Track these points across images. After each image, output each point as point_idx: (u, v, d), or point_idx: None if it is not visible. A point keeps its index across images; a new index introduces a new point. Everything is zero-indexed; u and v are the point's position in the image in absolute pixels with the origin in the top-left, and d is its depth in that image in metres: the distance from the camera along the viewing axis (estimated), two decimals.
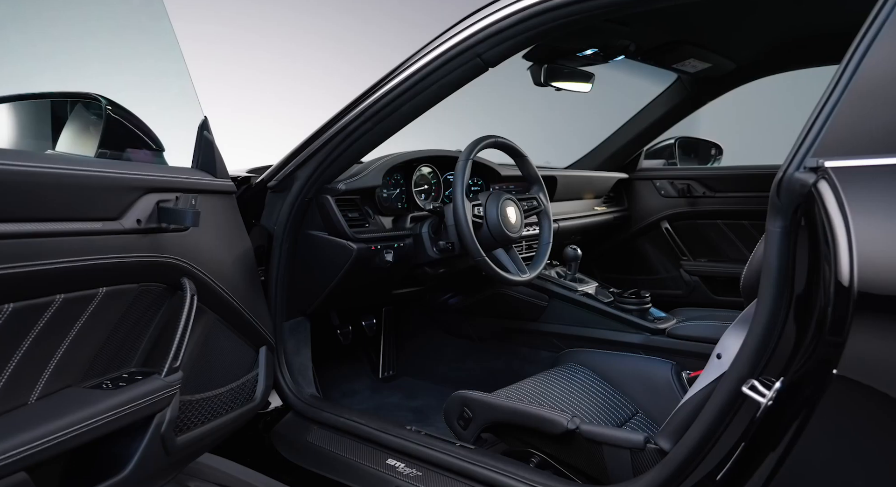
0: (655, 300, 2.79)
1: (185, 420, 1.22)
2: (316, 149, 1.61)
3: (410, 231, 1.84)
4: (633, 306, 1.97)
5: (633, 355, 1.89)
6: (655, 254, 2.82)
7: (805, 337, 0.93)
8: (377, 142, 1.60)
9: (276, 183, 1.68)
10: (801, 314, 0.95)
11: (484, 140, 1.77)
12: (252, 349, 1.52)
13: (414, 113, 1.54)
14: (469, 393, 1.57)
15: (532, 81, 2.08)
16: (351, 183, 1.69)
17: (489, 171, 2.16)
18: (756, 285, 1.04)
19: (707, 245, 2.69)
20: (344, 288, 1.81)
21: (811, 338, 0.90)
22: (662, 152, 2.91)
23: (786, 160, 0.94)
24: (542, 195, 1.96)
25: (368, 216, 1.79)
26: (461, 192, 1.67)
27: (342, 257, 1.68)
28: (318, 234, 1.71)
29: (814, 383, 0.89)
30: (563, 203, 2.49)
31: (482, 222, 1.76)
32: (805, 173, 0.90)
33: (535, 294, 2.13)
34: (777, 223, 0.96)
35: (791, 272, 0.97)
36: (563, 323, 2.10)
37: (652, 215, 2.78)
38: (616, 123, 2.74)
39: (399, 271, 1.88)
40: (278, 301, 1.74)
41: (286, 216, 1.68)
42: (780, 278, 0.98)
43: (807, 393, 0.90)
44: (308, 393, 1.76)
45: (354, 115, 1.55)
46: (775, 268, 0.98)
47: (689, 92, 2.45)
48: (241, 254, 1.46)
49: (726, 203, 2.60)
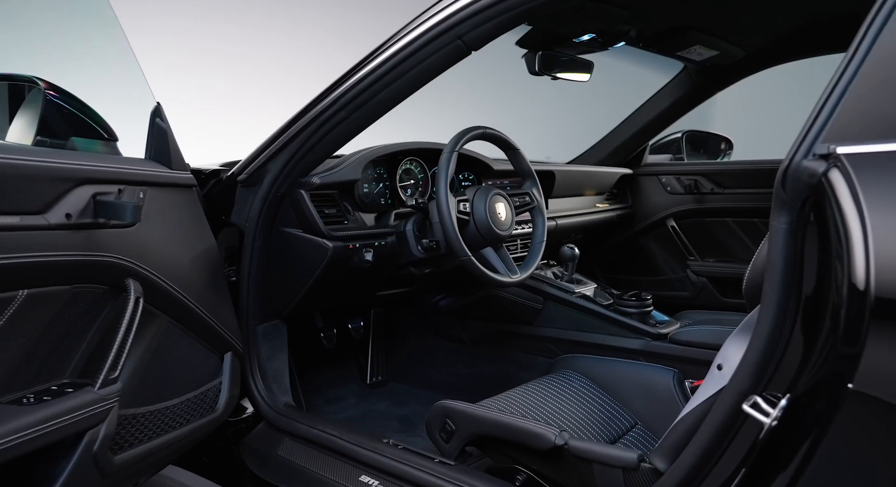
0: (660, 302, 2.66)
1: (127, 437, 1.11)
2: (287, 139, 1.50)
3: (394, 229, 1.73)
4: (633, 309, 1.84)
5: (632, 362, 1.76)
6: (661, 254, 2.69)
7: (814, 347, 0.81)
8: (354, 132, 1.49)
9: (247, 176, 1.57)
10: (810, 321, 0.84)
11: (471, 131, 1.65)
12: (216, 355, 1.41)
13: (392, 101, 1.42)
14: (451, 403, 1.45)
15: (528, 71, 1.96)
16: (327, 176, 1.58)
17: (481, 166, 2.04)
18: (759, 289, 0.92)
19: (715, 244, 2.55)
20: (321, 289, 1.69)
21: (822, 349, 0.79)
22: (668, 147, 2.77)
23: (792, 147, 0.82)
24: (535, 190, 1.83)
25: (347, 212, 1.67)
26: (445, 187, 1.56)
27: (317, 256, 1.57)
28: (291, 232, 1.60)
29: (825, 399, 0.77)
30: (563, 200, 2.37)
31: (469, 219, 1.65)
32: (814, 161, 0.78)
33: (530, 296, 2.01)
34: (782, 219, 0.84)
35: (798, 274, 0.85)
36: (558, 327, 1.98)
37: (657, 213, 2.65)
38: (619, 117, 2.61)
39: (381, 271, 1.77)
40: (250, 302, 1.64)
41: (257, 212, 1.57)
42: (786, 281, 0.85)
43: (817, 411, 0.78)
44: (282, 402, 1.65)
45: (328, 104, 1.43)
46: (780, 270, 0.85)
47: (696, 82, 2.31)
48: (201, 253, 1.35)
49: (736, 200, 2.46)
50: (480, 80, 3.81)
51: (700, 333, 1.71)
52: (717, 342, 1.69)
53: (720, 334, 1.67)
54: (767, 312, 0.89)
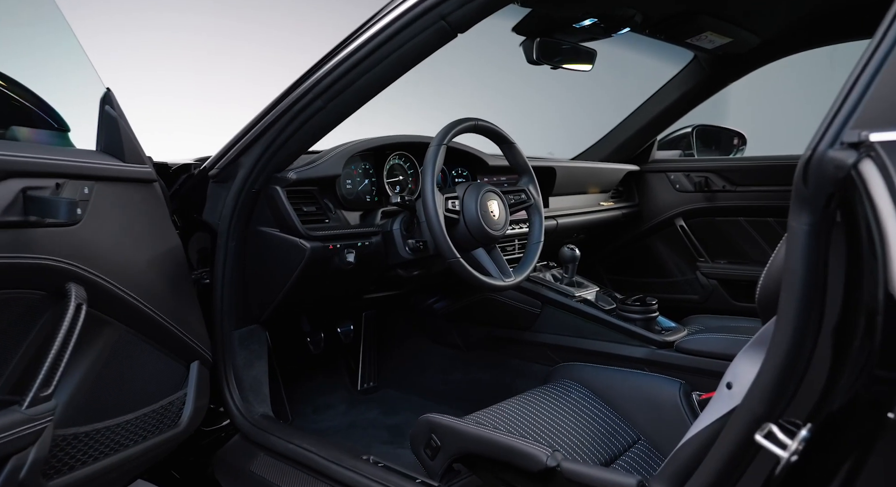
0: (668, 306, 2.53)
1: (66, 460, 1.00)
2: (260, 131, 1.39)
3: (379, 228, 1.61)
4: (637, 315, 1.72)
5: (635, 372, 1.64)
6: (669, 255, 2.55)
7: (842, 368, 0.70)
8: (333, 123, 1.38)
9: (218, 171, 1.47)
10: (837, 338, 0.72)
11: (461, 123, 1.53)
12: (181, 364, 1.30)
13: (372, 88, 1.30)
14: (437, 417, 1.34)
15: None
16: (304, 171, 1.46)
17: (475, 161, 1.92)
18: (775, 298, 0.79)
19: (727, 245, 2.42)
20: (301, 292, 1.58)
21: (852, 371, 0.68)
22: (678, 142, 2.64)
23: (815, 136, 0.69)
24: (531, 187, 1.71)
25: (328, 210, 1.56)
26: (431, 183, 1.44)
27: (294, 257, 1.46)
28: (268, 231, 1.49)
29: (858, 431, 0.66)
30: (564, 198, 2.24)
31: (458, 218, 1.53)
32: (842, 151, 0.66)
33: (528, 300, 1.89)
34: (803, 218, 0.72)
35: (822, 282, 0.73)
36: (557, 333, 1.86)
37: (665, 211, 2.52)
38: (625, 110, 2.48)
39: (365, 274, 1.66)
40: (225, 306, 1.53)
41: (230, 210, 1.46)
42: (807, 290, 0.73)
43: (847, 445, 0.67)
44: (259, 414, 1.54)
45: (302, 92, 1.32)
46: (801, 277, 0.73)
47: (708, 72, 2.18)
48: (163, 254, 1.24)
49: (749, 198, 2.33)
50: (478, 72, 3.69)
51: (709, 341, 1.58)
52: (728, 352, 1.57)
53: (731, 343, 1.55)
54: (785, 326, 0.76)
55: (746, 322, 1.93)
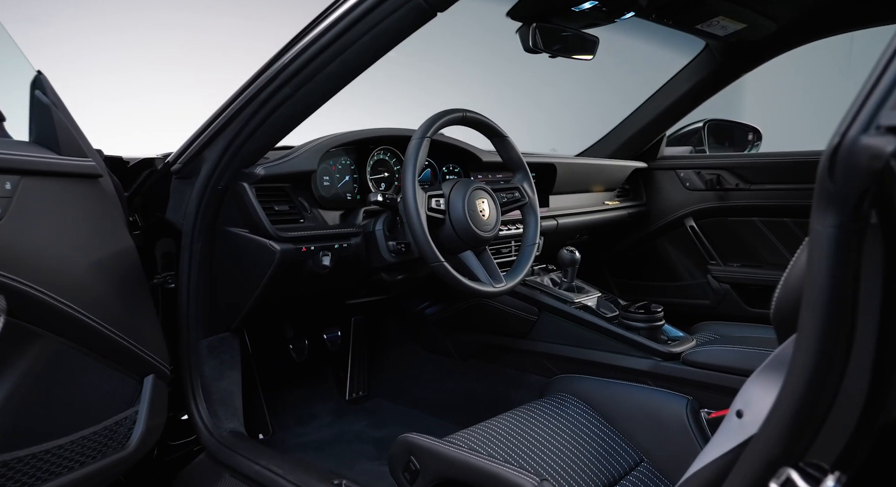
0: (677, 311, 2.39)
1: None
2: (224, 122, 1.27)
3: (360, 229, 1.49)
4: (640, 323, 1.58)
5: (638, 385, 1.50)
6: (678, 257, 2.41)
7: (880, 400, 0.58)
8: (303, 112, 1.25)
9: (181, 166, 1.35)
10: (873, 363, 0.59)
11: (447, 114, 1.41)
12: (133, 379, 1.18)
13: (345, 73, 1.18)
14: (416, 438, 1.21)
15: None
16: (274, 167, 1.34)
17: (468, 157, 1.79)
18: (794, 314, 0.66)
19: (740, 247, 2.27)
20: (274, 298, 1.47)
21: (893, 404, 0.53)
22: (688, 137, 2.49)
23: (844, 118, 0.56)
24: (526, 184, 1.58)
25: (303, 209, 1.44)
26: (412, 180, 1.31)
27: (264, 261, 1.34)
28: (236, 232, 1.37)
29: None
30: (566, 196, 2.11)
31: (444, 217, 1.40)
32: (879, 136, 0.53)
33: (524, 306, 1.76)
34: (829, 219, 0.58)
35: (852, 296, 0.59)
36: (555, 342, 1.72)
37: (674, 211, 2.37)
38: (633, 104, 2.34)
39: (345, 278, 1.53)
40: (191, 313, 1.42)
41: (195, 208, 1.35)
42: (834, 305, 0.60)
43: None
44: (228, 430, 1.42)
45: (268, 79, 1.20)
46: (825, 290, 0.60)
47: (720, 62, 2.03)
48: (110, 257, 1.12)
49: (765, 197, 2.18)
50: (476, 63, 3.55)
51: (719, 354, 1.44)
52: (740, 365, 1.43)
53: (744, 356, 1.41)
54: (806, 348, 0.63)
55: (761, 330, 1.79)
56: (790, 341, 0.72)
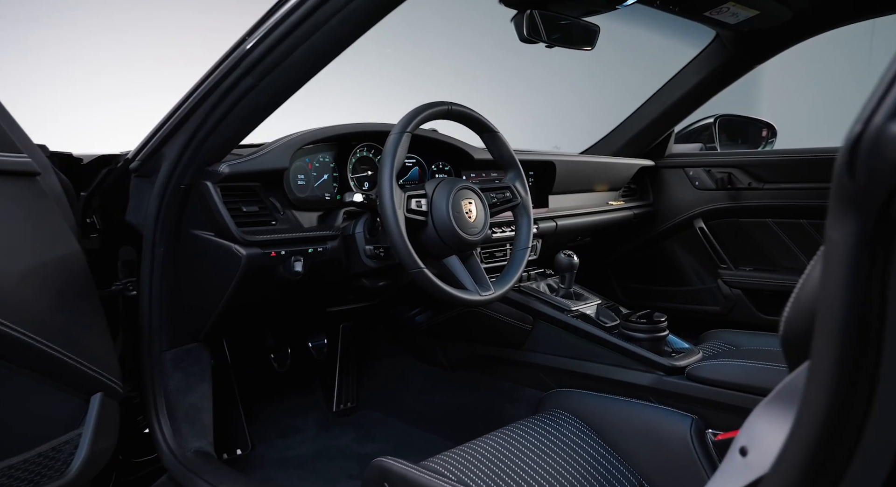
0: (686, 317, 2.27)
1: None
2: (184, 116, 1.17)
3: (338, 231, 1.38)
4: (642, 334, 1.45)
5: (639, 402, 1.38)
6: (687, 260, 2.28)
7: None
8: (269, 104, 1.15)
9: (139, 164, 1.25)
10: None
11: (430, 108, 1.30)
12: (78, 399, 1.08)
13: (314, 60, 1.07)
14: (392, 464, 1.11)
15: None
16: (240, 164, 1.23)
17: (459, 154, 1.67)
18: (807, 337, 0.54)
19: (753, 250, 2.13)
20: (244, 306, 1.36)
21: None
22: (698, 134, 2.36)
23: (865, 106, 0.43)
24: (518, 184, 1.46)
25: (275, 210, 1.33)
26: (389, 178, 1.21)
27: (229, 267, 1.23)
28: (201, 235, 1.26)
29: None
30: (567, 196, 1.99)
31: (426, 220, 1.29)
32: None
33: (518, 314, 1.64)
34: (848, 225, 0.46)
35: (877, 318, 0.47)
36: (551, 353, 1.60)
37: (683, 212, 2.24)
38: (639, 98, 2.21)
39: (321, 285, 1.43)
40: (154, 323, 1.32)
41: (155, 209, 1.24)
42: (854, 329, 0.48)
43: None
44: (193, 449, 1.32)
45: (229, 67, 1.09)
46: (844, 310, 0.47)
47: (731, 53, 1.90)
48: (49, 264, 1.02)
49: (779, 196, 2.04)
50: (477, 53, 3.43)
51: (727, 369, 1.32)
52: (750, 382, 1.30)
53: (754, 372, 1.28)
54: (822, 379, 0.51)
55: (775, 340, 1.66)
56: (802, 369, 0.60)
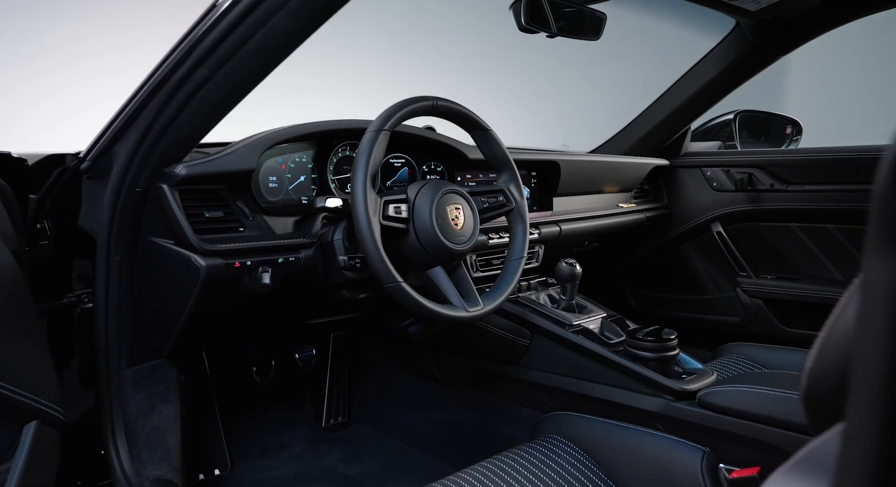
0: (702, 328, 2.12)
1: None
2: (133, 111, 1.05)
3: (314, 238, 1.25)
4: (649, 353, 1.31)
5: (645, 430, 1.24)
6: (703, 267, 2.13)
7: None
8: (228, 99, 1.03)
9: (90, 164, 1.14)
10: None
11: (413, 103, 1.17)
12: (11, 430, 0.97)
13: (273, 48, 0.95)
14: None
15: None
16: (198, 165, 1.11)
17: (453, 154, 1.54)
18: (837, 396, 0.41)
19: (775, 256, 1.98)
20: (210, 320, 1.25)
21: None
22: (717, 131, 2.21)
23: None
24: (513, 187, 1.33)
25: (243, 215, 1.21)
26: (363, 181, 1.08)
27: (188, 278, 1.12)
28: (160, 243, 1.15)
29: None
30: (573, 199, 1.85)
31: (406, 227, 1.16)
32: None
33: (514, 327, 1.51)
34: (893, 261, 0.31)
35: None
36: (550, 371, 1.47)
37: (700, 214, 2.09)
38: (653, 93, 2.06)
39: (295, 297, 1.31)
40: (111, 338, 1.20)
41: (108, 214, 1.13)
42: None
43: None
44: (152, 477, 1.21)
45: (179, 58, 0.98)
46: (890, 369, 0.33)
47: (753, 43, 1.74)
48: None
49: (804, 199, 1.88)
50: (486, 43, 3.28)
51: (744, 396, 1.17)
52: (770, 413, 1.15)
53: (775, 401, 1.13)
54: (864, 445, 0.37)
55: (800, 356, 1.51)
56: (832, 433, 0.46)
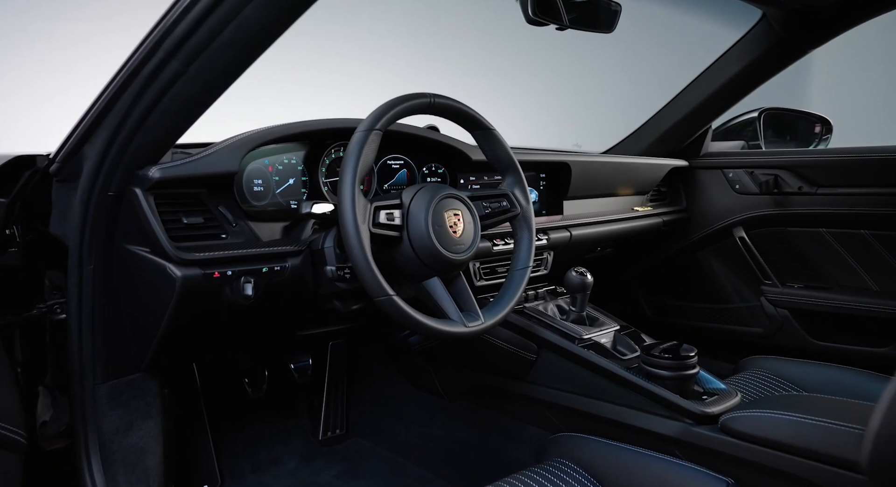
0: (723, 339, 2.01)
1: None
2: (102, 109, 0.97)
3: (304, 245, 1.16)
4: (666, 371, 1.20)
5: (661, 457, 1.14)
6: (725, 275, 2.01)
7: None
8: (205, 94, 0.94)
9: (60, 166, 1.06)
10: None
11: (407, 100, 1.07)
12: None
13: (249, 40, 0.86)
14: None
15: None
16: (174, 168, 1.03)
17: (455, 155, 1.44)
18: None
19: (802, 263, 1.86)
20: (190, 333, 1.16)
21: None
22: (740, 130, 2.09)
23: None
24: (517, 191, 1.23)
25: (226, 222, 1.12)
26: (351, 185, 0.99)
27: (163, 289, 1.03)
28: (136, 251, 1.06)
29: None
30: (585, 202, 1.74)
31: (399, 235, 1.07)
32: None
33: (519, 340, 1.41)
34: None
35: None
36: (558, 388, 1.37)
37: (721, 219, 1.97)
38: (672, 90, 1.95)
39: (282, 309, 1.22)
40: (85, 351, 1.13)
41: (79, 219, 1.05)
42: None
43: None
44: None
45: (148, 50, 0.89)
46: None
47: (781, 35, 1.63)
48: None
49: (835, 203, 1.76)
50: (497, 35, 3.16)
51: (773, 423, 1.06)
52: (803, 444, 1.04)
53: (811, 431, 1.02)
54: None
55: (830, 372, 1.40)
56: None
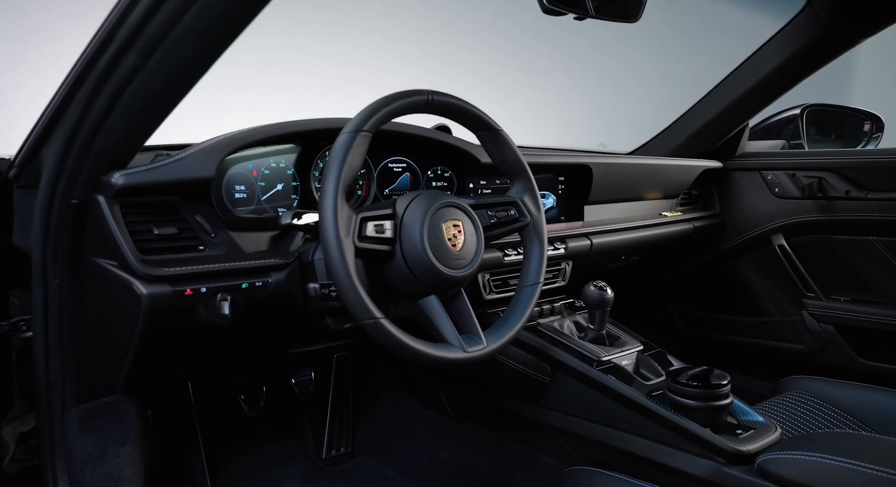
0: (761, 356, 1.85)
1: None
2: (58, 107, 0.87)
3: (291, 258, 1.05)
4: (695, 401, 1.06)
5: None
6: (763, 286, 1.85)
7: None
8: (170, 90, 0.84)
9: (18, 171, 0.97)
10: None
11: (401, 98, 0.95)
12: None
13: (213, 26, 0.75)
14: None
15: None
16: (140, 174, 0.92)
17: (463, 157, 1.32)
18: None
19: (849, 275, 1.69)
20: (166, 352, 1.07)
21: None
22: (780, 129, 1.93)
23: None
24: (527, 198, 1.10)
25: (204, 232, 1.02)
26: (333, 194, 0.87)
27: (130, 308, 0.93)
28: (103, 264, 0.97)
29: None
30: (607, 207, 1.61)
31: (391, 249, 0.95)
32: None
33: (532, 361, 1.28)
34: None
35: None
36: (574, 415, 1.24)
37: (759, 225, 1.82)
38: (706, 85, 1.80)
39: (265, 328, 1.11)
40: (53, 373, 1.04)
41: (41, 230, 0.96)
42: None
43: None
44: None
45: (101, 41, 0.79)
46: None
47: (827, 24, 1.47)
48: None
49: (887, 209, 1.60)
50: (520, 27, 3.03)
51: (821, 470, 0.92)
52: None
53: (866, 481, 0.87)
54: None
55: (885, 397, 1.24)
56: None
